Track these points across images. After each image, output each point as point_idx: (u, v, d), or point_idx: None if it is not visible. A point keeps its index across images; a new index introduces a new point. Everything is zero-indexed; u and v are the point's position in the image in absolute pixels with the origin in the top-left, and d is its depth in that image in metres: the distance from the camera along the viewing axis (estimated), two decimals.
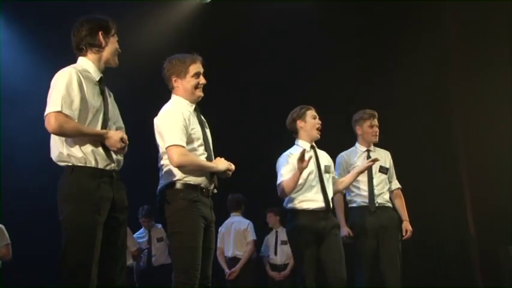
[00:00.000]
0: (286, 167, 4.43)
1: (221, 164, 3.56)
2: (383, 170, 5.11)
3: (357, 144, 5.24)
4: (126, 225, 3.18)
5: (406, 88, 6.85)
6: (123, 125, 3.28)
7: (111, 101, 3.22)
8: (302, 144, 4.56)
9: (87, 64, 3.13)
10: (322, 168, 4.52)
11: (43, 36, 6.85)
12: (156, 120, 3.57)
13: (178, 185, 3.47)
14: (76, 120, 2.96)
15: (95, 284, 2.93)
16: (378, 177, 5.06)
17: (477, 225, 6.67)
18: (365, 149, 5.17)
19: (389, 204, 5.11)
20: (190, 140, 3.49)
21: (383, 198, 5.05)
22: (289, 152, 4.55)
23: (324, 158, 4.63)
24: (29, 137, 6.54)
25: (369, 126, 5.14)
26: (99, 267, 2.96)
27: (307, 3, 7.08)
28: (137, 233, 6.88)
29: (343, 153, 5.23)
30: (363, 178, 5.01)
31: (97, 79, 3.13)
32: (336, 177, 4.82)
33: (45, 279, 4.94)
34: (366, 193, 5.00)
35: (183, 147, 3.44)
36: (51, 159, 3.06)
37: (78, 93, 2.97)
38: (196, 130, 3.55)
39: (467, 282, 6.50)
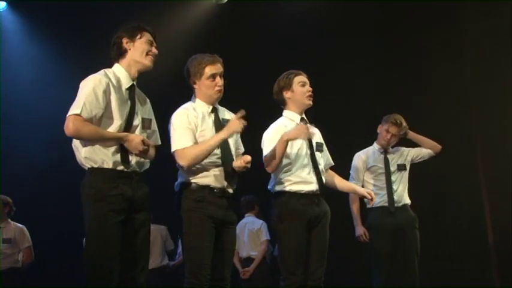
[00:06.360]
0: (273, 141, 3.79)
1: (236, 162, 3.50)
2: (401, 167, 5.09)
3: (375, 144, 5.22)
4: (148, 226, 3.20)
5: (425, 91, 6.81)
6: (156, 130, 3.34)
7: (143, 107, 3.27)
8: (291, 116, 3.97)
9: (119, 71, 3.21)
10: (314, 145, 3.94)
11: (50, 28, 6.82)
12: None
13: (186, 186, 3.47)
14: (99, 126, 3.03)
15: (116, 283, 2.96)
16: (397, 176, 5.05)
17: (495, 225, 6.63)
18: (382, 149, 5.17)
19: (407, 201, 5.06)
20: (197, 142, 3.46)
21: (402, 197, 5.03)
22: (279, 124, 3.95)
23: (316, 134, 4.04)
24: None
25: (385, 130, 5.12)
26: (120, 268, 2.99)
27: (327, 2, 7.02)
28: None
29: (360, 153, 5.21)
30: (381, 177, 5.01)
31: (127, 86, 3.18)
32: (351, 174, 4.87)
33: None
34: (384, 193, 4.98)
35: (187, 147, 3.40)
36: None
37: (103, 99, 3.03)
38: (207, 132, 3.50)
39: (484, 283, 6.46)
